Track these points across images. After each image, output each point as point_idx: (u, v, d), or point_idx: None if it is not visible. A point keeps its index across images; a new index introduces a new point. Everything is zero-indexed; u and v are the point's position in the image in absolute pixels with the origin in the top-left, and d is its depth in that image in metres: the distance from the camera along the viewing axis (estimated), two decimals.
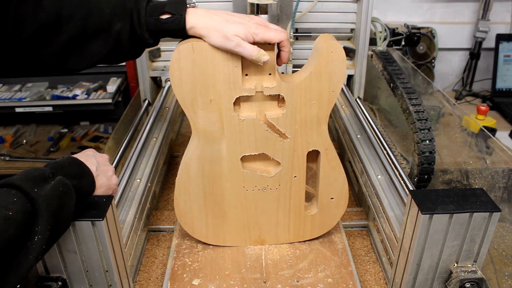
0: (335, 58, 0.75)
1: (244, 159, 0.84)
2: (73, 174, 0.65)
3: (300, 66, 0.84)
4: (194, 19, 0.74)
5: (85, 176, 0.69)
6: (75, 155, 0.72)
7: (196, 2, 1.30)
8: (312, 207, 0.92)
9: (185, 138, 1.46)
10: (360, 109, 1.23)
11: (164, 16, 0.75)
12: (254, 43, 0.73)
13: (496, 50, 1.94)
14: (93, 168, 0.71)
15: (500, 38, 1.93)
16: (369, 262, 0.94)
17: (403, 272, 0.76)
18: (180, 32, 0.75)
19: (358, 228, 1.04)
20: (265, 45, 0.74)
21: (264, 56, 0.72)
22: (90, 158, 0.72)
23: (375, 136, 1.07)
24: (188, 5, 0.76)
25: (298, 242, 0.94)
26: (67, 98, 1.75)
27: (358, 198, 1.14)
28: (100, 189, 0.72)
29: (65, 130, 1.82)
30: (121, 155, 0.99)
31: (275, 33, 0.73)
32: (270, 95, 0.78)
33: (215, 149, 0.82)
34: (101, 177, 0.73)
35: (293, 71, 1.15)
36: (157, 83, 1.43)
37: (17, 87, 1.83)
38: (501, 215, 0.83)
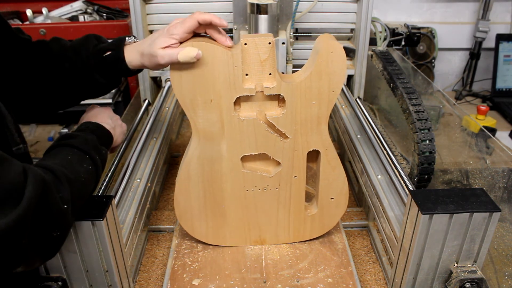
0: (335, 58, 0.75)
1: (244, 159, 0.84)
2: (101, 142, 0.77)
3: (300, 66, 0.84)
4: (128, 53, 0.80)
5: (107, 136, 0.81)
6: (89, 119, 0.81)
7: (197, 2, 1.31)
8: (312, 207, 0.92)
9: (185, 138, 1.46)
10: (360, 109, 1.23)
11: (107, 54, 0.81)
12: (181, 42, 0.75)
13: (496, 50, 1.94)
14: (108, 121, 0.83)
15: (500, 38, 1.93)
16: (369, 262, 0.94)
17: (403, 272, 0.76)
18: (121, 64, 0.80)
19: (358, 228, 1.04)
20: (264, 44, 0.74)
21: (190, 52, 0.72)
22: (104, 117, 0.83)
23: (375, 136, 1.07)
24: (128, 40, 0.82)
25: (298, 242, 0.94)
26: None
27: (358, 198, 1.14)
28: (119, 137, 0.86)
29: (65, 130, 1.82)
30: (121, 155, 0.99)
31: (190, 19, 0.74)
32: (270, 95, 0.78)
33: (215, 149, 0.82)
34: (118, 128, 0.85)
35: (293, 71, 1.15)
36: (157, 83, 1.43)
37: None
38: (501, 215, 0.83)
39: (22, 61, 0.77)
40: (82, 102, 0.88)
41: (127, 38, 0.82)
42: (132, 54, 0.80)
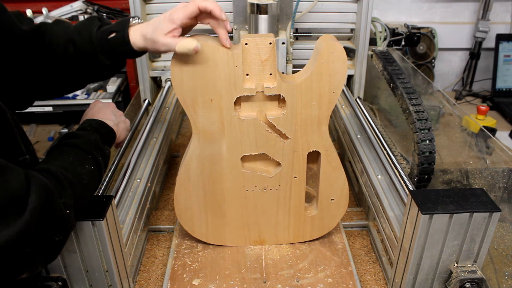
0: (336, 59, 0.75)
1: (244, 159, 0.84)
2: (104, 140, 0.77)
3: (300, 66, 0.84)
4: (133, 34, 0.79)
5: (110, 134, 0.80)
6: (93, 115, 0.80)
7: None
8: (312, 208, 0.92)
9: (185, 138, 1.46)
10: (360, 109, 1.23)
11: (111, 36, 0.79)
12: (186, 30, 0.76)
13: (496, 50, 1.94)
14: (112, 118, 0.82)
15: (500, 38, 1.93)
16: (369, 262, 0.94)
17: (403, 272, 0.76)
18: (126, 46, 0.79)
19: (358, 228, 1.04)
20: (264, 44, 0.74)
21: (189, 44, 0.71)
22: (107, 113, 0.83)
23: (375, 136, 1.07)
24: (133, 22, 0.80)
25: (298, 242, 0.94)
26: (67, 98, 1.75)
27: (358, 198, 1.14)
28: (123, 133, 0.85)
29: (65, 130, 1.82)
30: (121, 155, 0.99)
31: (192, 4, 0.74)
32: (271, 95, 0.78)
33: (216, 149, 0.82)
34: (121, 124, 0.85)
35: (293, 71, 1.15)
36: (157, 83, 1.43)
37: None
38: (501, 215, 0.83)
39: (24, 51, 0.75)
40: (83, 101, 0.88)
41: (131, 19, 0.81)
42: (136, 36, 0.78)
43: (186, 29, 0.78)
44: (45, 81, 0.80)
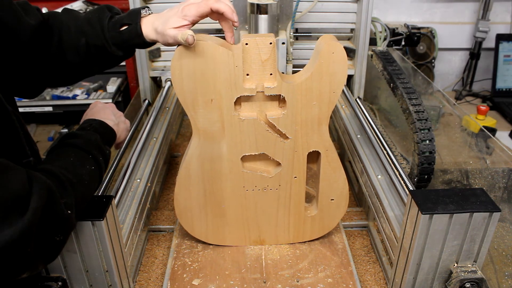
0: (336, 59, 0.75)
1: (244, 159, 0.84)
2: (105, 140, 0.77)
3: (300, 66, 0.84)
4: (145, 27, 0.79)
5: (110, 133, 0.80)
6: (93, 115, 0.80)
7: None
8: (312, 208, 0.92)
9: (185, 138, 1.46)
10: (360, 109, 1.23)
11: (123, 28, 0.79)
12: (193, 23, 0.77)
13: (496, 50, 1.94)
14: (112, 118, 0.82)
15: (500, 38, 1.93)
16: (369, 262, 0.94)
17: (403, 272, 0.76)
18: (139, 39, 0.79)
19: (358, 228, 1.04)
20: (264, 44, 0.74)
21: (184, 35, 0.72)
22: (107, 113, 0.82)
23: (375, 136, 1.07)
24: (144, 13, 0.81)
25: (298, 242, 0.94)
26: (67, 98, 1.75)
27: (358, 198, 1.14)
28: (123, 133, 0.85)
29: (65, 130, 1.82)
30: (121, 155, 0.99)
31: (204, 4, 0.74)
32: (271, 95, 0.78)
33: (216, 149, 0.82)
34: (121, 124, 0.84)
35: (293, 71, 1.15)
36: (157, 83, 1.43)
37: None
38: (501, 215, 0.83)
39: (31, 44, 0.74)
40: (83, 101, 0.88)
41: (142, 10, 0.80)
42: (148, 29, 0.79)
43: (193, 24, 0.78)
44: (56, 70, 0.79)
